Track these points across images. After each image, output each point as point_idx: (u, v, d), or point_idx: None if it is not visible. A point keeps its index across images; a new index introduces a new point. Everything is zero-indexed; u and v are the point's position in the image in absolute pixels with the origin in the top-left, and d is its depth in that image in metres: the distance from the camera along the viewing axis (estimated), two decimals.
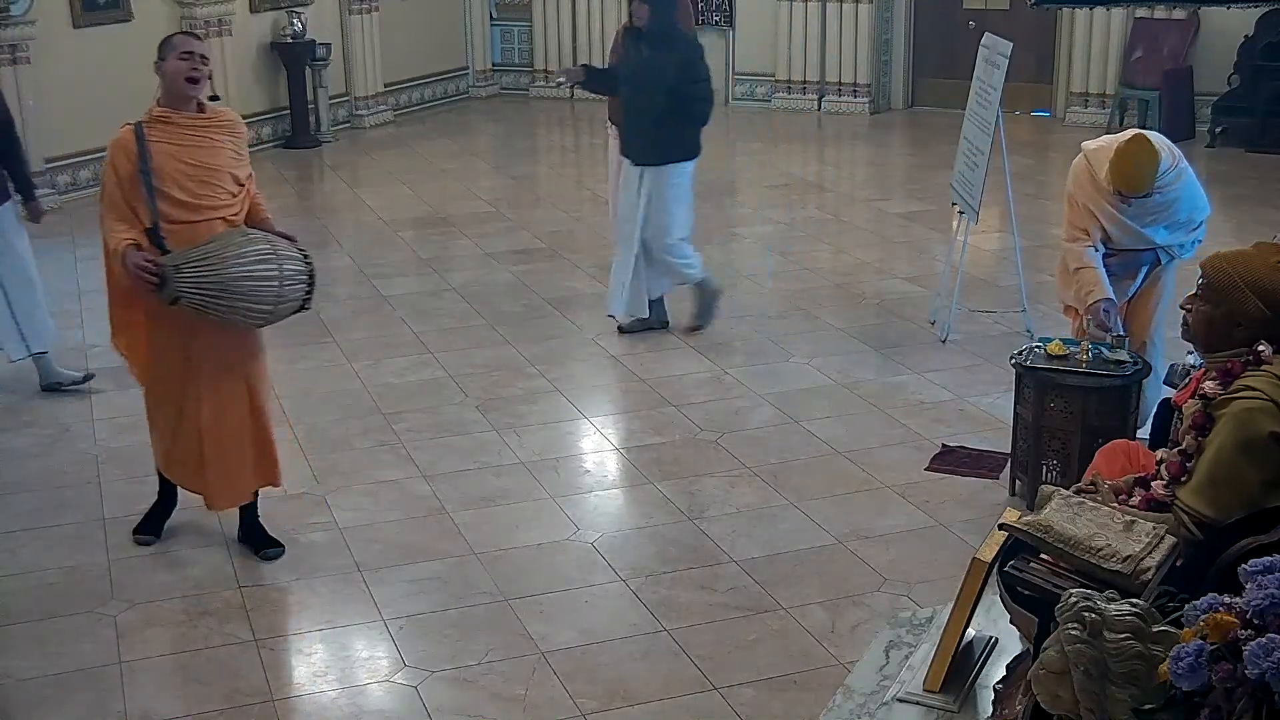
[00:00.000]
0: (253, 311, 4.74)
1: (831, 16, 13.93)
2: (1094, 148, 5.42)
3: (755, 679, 4.27)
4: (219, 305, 4.67)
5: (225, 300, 4.65)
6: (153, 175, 4.68)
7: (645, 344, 7.37)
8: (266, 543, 5.12)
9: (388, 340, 7.46)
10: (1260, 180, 10.92)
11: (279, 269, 4.72)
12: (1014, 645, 3.08)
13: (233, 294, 4.64)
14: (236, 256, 4.64)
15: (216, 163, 4.81)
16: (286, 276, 4.74)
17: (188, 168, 4.74)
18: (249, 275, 4.65)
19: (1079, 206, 5.46)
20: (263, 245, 4.74)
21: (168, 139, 4.75)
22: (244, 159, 4.94)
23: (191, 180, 4.75)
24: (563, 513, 5.41)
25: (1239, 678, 2.03)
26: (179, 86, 4.78)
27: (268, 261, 4.70)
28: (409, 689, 4.26)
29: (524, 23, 15.47)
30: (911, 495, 5.52)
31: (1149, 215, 5.35)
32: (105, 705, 4.20)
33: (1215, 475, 3.17)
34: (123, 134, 4.76)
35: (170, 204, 4.71)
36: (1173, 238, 5.43)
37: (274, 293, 4.72)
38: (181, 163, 4.73)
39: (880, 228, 9.84)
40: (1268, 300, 3.26)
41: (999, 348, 6.99)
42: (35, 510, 5.49)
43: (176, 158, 4.73)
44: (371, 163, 12.32)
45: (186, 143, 4.77)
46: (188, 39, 4.88)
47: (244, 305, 4.70)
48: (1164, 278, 5.60)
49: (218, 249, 4.65)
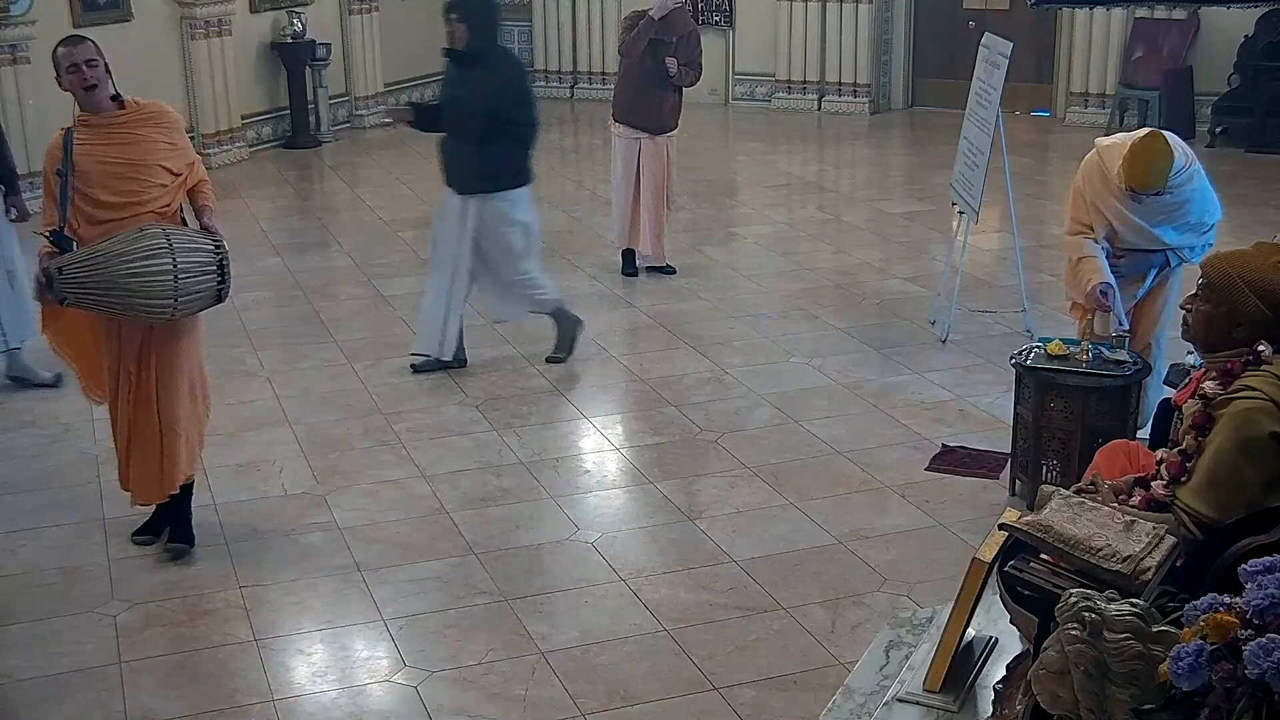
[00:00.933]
0: (150, 306, 4.75)
1: (831, 16, 13.93)
2: (1107, 144, 5.41)
3: (755, 679, 4.27)
4: (111, 302, 4.72)
5: (116, 297, 4.69)
6: (78, 177, 4.75)
7: (646, 344, 7.37)
8: (176, 535, 5.11)
9: (388, 340, 7.46)
10: (1260, 180, 10.93)
11: (172, 263, 4.72)
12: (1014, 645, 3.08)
13: (122, 290, 4.67)
14: (122, 254, 4.68)
15: (142, 157, 4.84)
16: (183, 270, 4.74)
17: (112, 166, 4.80)
18: (137, 272, 4.67)
19: (1085, 203, 5.44)
20: (156, 241, 4.74)
21: (91, 140, 4.81)
22: (179, 149, 4.96)
23: (116, 178, 4.80)
24: (563, 513, 5.41)
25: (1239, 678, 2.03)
26: (80, 98, 4.86)
27: (159, 256, 4.71)
28: (409, 689, 4.26)
29: (524, 23, 15.46)
30: (911, 495, 5.52)
31: (1159, 215, 5.33)
32: (105, 705, 4.20)
33: (1215, 475, 3.16)
34: (55, 139, 4.86)
35: (95, 205, 4.79)
36: (1182, 239, 5.41)
37: (169, 287, 4.72)
38: (105, 162, 4.79)
39: (880, 228, 9.84)
40: (1268, 300, 3.25)
41: (999, 348, 6.99)
42: (35, 510, 5.50)
43: (100, 158, 4.79)
44: (371, 163, 12.32)
45: (109, 141, 4.82)
46: (69, 51, 4.86)
47: (138, 301, 4.71)
48: (1171, 280, 5.58)
49: (108, 247, 4.70)
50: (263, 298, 8.25)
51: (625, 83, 8.51)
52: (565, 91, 15.28)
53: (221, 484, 5.66)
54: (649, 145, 8.44)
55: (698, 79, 8.66)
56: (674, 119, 8.54)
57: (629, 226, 8.58)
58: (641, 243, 8.58)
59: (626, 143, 8.49)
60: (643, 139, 8.44)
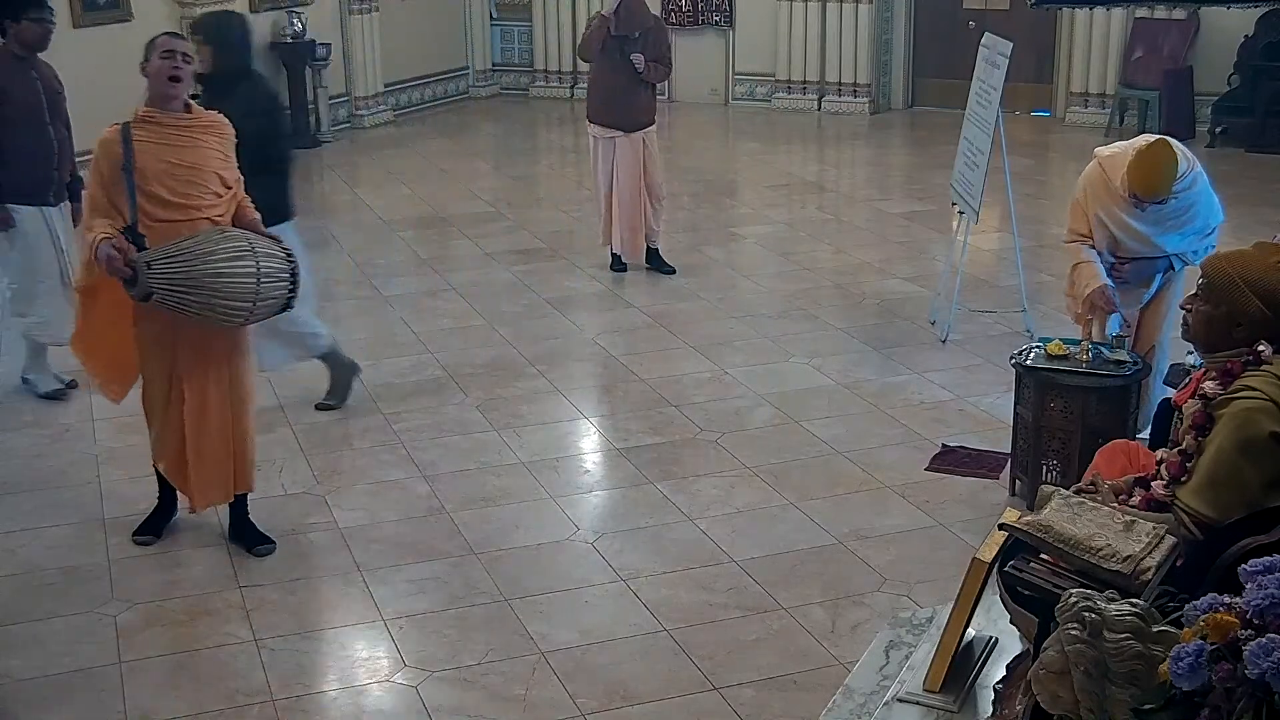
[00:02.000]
0: (229, 309, 4.73)
1: (831, 16, 13.93)
2: (1108, 154, 5.37)
3: (755, 679, 4.27)
4: (193, 302, 4.66)
5: (199, 297, 4.64)
6: (136, 174, 4.70)
7: (646, 344, 7.37)
8: (257, 539, 5.13)
9: (388, 340, 7.46)
10: (1260, 180, 10.92)
11: (256, 266, 4.71)
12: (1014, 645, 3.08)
13: (207, 291, 4.64)
14: (210, 253, 4.64)
15: (202, 163, 4.82)
16: (264, 274, 4.73)
17: (172, 167, 4.75)
18: (223, 272, 4.65)
19: (1083, 213, 5.41)
20: (240, 242, 4.74)
21: (153, 138, 4.76)
22: (231, 162, 4.94)
23: (176, 179, 4.76)
24: (563, 513, 5.41)
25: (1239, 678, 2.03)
26: (162, 86, 4.80)
27: (244, 258, 4.69)
28: (409, 689, 4.26)
29: (524, 23, 15.47)
30: (911, 495, 5.52)
31: (1164, 222, 5.30)
32: (105, 705, 4.20)
33: (1215, 475, 3.16)
34: (109, 133, 4.79)
35: (154, 203, 4.74)
36: (1185, 244, 5.39)
37: (251, 290, 4.71)
38: (166, 162, 4.75)
39: (880, 228, 9.84)
40: (1268, 300, 3.25)
41: (999, 348, 6.99)
42: (35, 510, 5.50)
43: (161, 157, 4.74)
44: (371, 163, 12.32)
45: (172, 142, 4.78)
46: (170, 39, 4.88)
47: (219, 302, 4.69)
48: (1174, 284, 5.57)
49: (192, 245, 4.65)
50: None
51: (595, 83, 8.53)
52: (565, 91, 15.29)
53: None
54: (624, 143, 8.43)
55: (668, 74, 8.63)
56: (648, 115, 8.52)
57: (609, 225, 8.58)
58: (616, 241, 8.57)
59: (602, 143, 8.49)
60: (617, 138, 8.43)
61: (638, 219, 8.55)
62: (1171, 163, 5.11)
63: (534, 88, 15.46)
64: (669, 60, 8.58)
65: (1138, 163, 5.10)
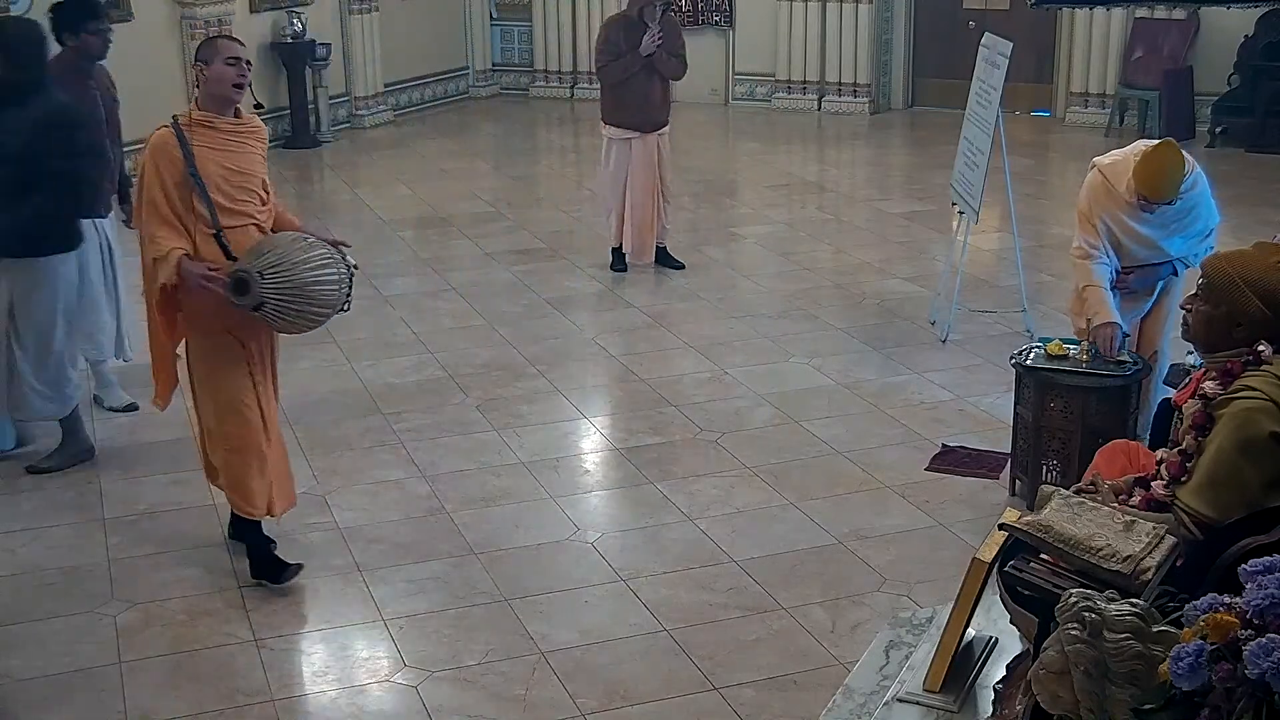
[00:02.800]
0: (320, 315, 4.70)
1: (831, 16, 13.93)
2: (1108, 162, 5.34)
3: (755, 679, 4.27)
4: (293, 310, 4.59)
5: (299, 305, 4.59)
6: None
7: (646, 344, 7.37)
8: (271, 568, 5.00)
9: (388, 340, 7.46)
10: (1260, 180, 10.92)
11: (343, 272, 4.69)
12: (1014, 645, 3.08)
13: (307, 299, 4.59)
14: (304, 260, 4.58)
15: (250, 169, 4.76)
16: (344, 280, 4.71)
17: (227, 173, 4.66)
18: (320, 280, 4.61)
19: (1090, 223, 5.36)
20: (324, 249, 4.68)
21: (209, 143, 4.64)
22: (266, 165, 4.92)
23: (230, 185, 4.67)
24: (563, 513, 5.41)
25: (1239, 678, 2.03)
26: (226, 91, 4.68)
27: (331, 265, 4.66)
28: (409, 689, 4.26)
29: (524, 23, 15.47)
30: (911, 495, 5.52)
31: (1168, 225, 5.28)
32: (105, 705, 4.20)
33: (1215, 475, 3.16)
34: (162, 136, 4.62)
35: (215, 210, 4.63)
36: (1187, 247, 5.38)
37: (338, 296, 4.69)
38: (222, 167, 4.64)
39: (880, 228, 9.84)
40: (1268, 300, 3.25)
41: (999, 348, 6.99)
42: (35, 510, 5.49)
43: (217, 162, 4.64)
44: (371, 163, 12.32)
45: (225, 147, 4.68)
46: (233, 44, 4.76)
47: (314, 310, 4.65)
48: (1175, 289, 5.55)
49: (285, 254, 4.56)
50: None
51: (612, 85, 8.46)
52: (565, 91, 15.28)
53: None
54: (639, 144, 8.42)
55: (682, 70, 8.54)
56: (664, 116, 8.51)
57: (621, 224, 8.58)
58: (626, 241, 8.57)
59: (618, 144, 8.48)
60: (634, 138, 8.42)
61: (649, 220, 8.57)
62: (1178, 165, 5.10)
63: (534, 88, 15.46)
64: (684, 56, 8.55)
65: (1144, 166, 5.07)
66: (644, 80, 8.35)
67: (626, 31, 8.34)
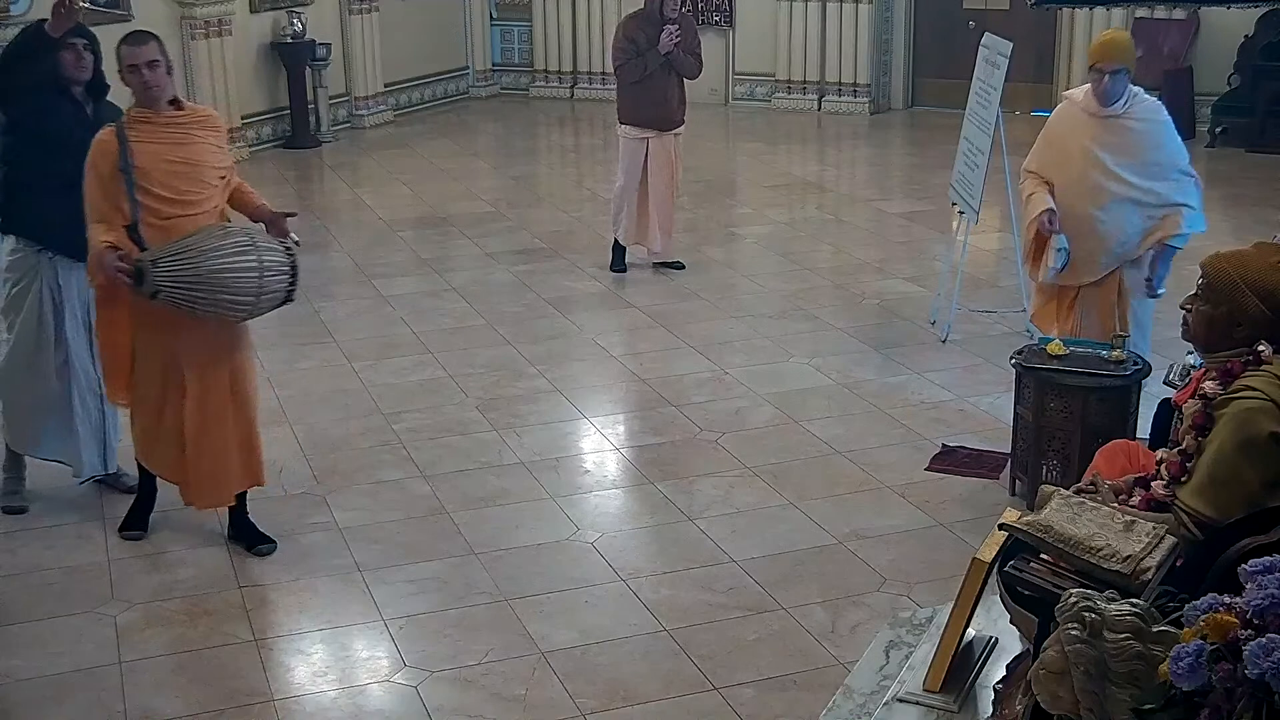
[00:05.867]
0: (235, 304, 4.76)
1: (831, 16, 13.93)
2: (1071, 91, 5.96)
3: (755, 679, 4.27)
4: (198, 298, 4.68)
5: (204, 292, 4.67)
6: (136, 173, 4.71)
7: (646, 344, 7.37)
8: (258, 539, 5.14)
9: (388, 340, 7.46)
10: (1260, 180, 10.92)
11: (259, 260, 4.74)
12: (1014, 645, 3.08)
13: (212, 286, 4.66)
14: (214, 249, 4.67)
15: (198, 158, 4.85)
16: (267, 268, 4.76)
17: (171, 165, 4.77)
18: (227, 268, 4.67)
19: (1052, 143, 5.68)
20: (241, 237, 4.77)
21: (150, 138, 4.77)
22: (224, 152, 4.99)
23: (175, 177, 4.78)
24: (563, 513, 5.41)
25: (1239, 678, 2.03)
26: (140, 98, 4.83)
27: (247, 253, 4.72)
28: (409, 689, 4.26)
29: (524, 23, 15.46)
30: (911, 495, 5.52)
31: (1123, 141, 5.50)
32: (105, 705, 4.20)
33: (1215, 475, 3.17)
34: (104, 135, 4.79)
35: (156, 200, 4.75)
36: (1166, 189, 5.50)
37: (255, 285, 4.73)
38: (165, 160, 4.77)
39: (880, 228, 9.84)
40: (1268, 300, 3.26)
41: (999, 348, 6.99)
42: (35, 510, 5.49)
43: (160, 155, 4.76)
44: (371, 163, 12.32)
45: (169, 140, 4.80)
46: (131, 51, 4.83)
47: (225, 297, 4.71)
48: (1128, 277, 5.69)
49: (195, 242, 4.68)
50: None
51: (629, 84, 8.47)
52: (565, 91, 15.28)
53: None
54: (656, 143, 8.44)
55: (698, 69, 8.56)
56: (680, 114, 8.53)
57: (636, 224, 8.59)
58: (651, 240, 8.59)
59: (634, 143, 8.48)
60: (650, 137, 8.43)
61: (670, 219, 8.59)
62: (1123, 34, 5.77)
63: (534, 88, 15.45)
64: (700, 55, 8.56)
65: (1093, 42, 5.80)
66: (662, 79, 8.35)
67: (645, 29, 8.34)
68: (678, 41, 8.29)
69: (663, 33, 8.25)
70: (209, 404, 4.94)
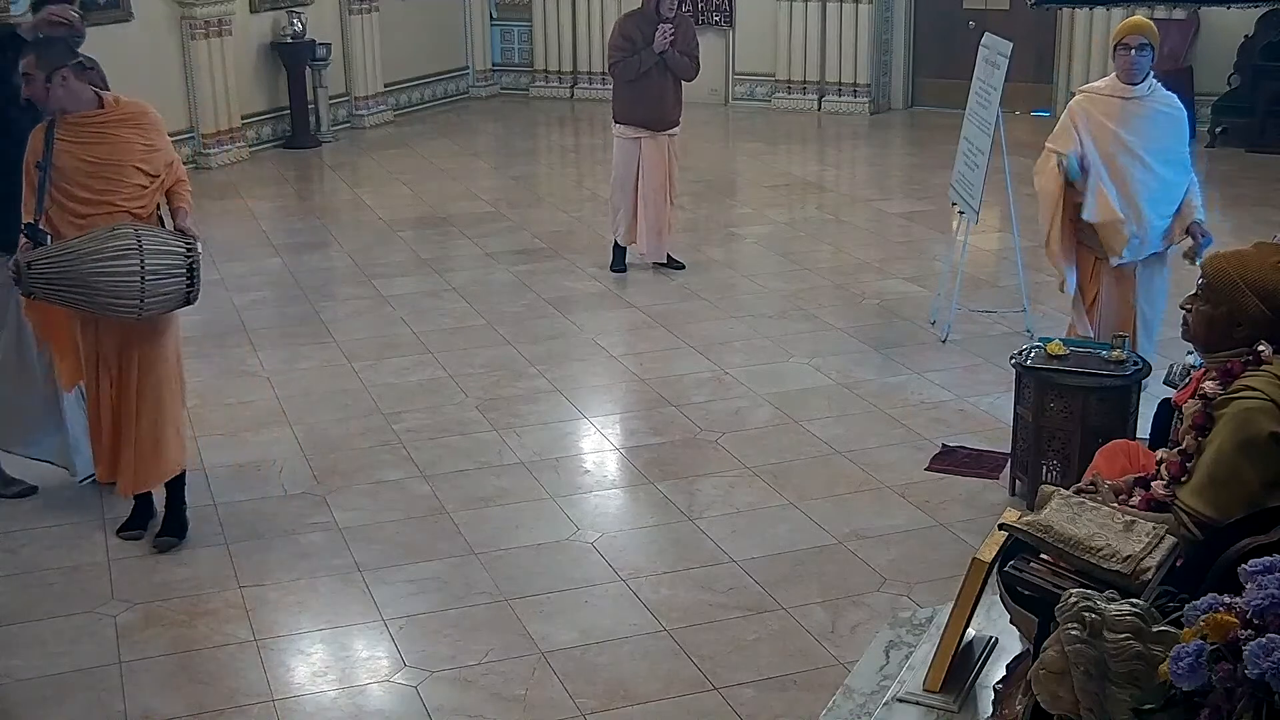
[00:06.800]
0: (117, 305, 4.82)
1: (831, 16, 13.93)
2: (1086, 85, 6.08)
3: (755, 679, 4.27)
4: (77, 299, 4.79)
5: (83, 294, 4.77)
6: (56, 173, 4.80)
7: (646, 344, 7.37)
8: (167, 529, 5.18)
9: (388, 340, 7.46)
10: (1260, 180, 10.93)
11: (140, 264, 4.78)
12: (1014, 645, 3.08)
13: (90, 289, 4.75)
14: (94, 252, 4.74)
15: (121, 158, 4.89)
16: (151, 272, 4.80)
17: (87, 165, 4.84)
18: (105, 271, 4.73)
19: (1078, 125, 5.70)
20: (127, 241, 4.80)
21: (70, 137, 4.85)
22: (157, 148, 4.98)
23: (91, 177, 4.84)
24: (563, 513, 5.41)
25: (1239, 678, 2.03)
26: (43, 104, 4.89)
27: (127, 257, 4.77)
28: (409, 689, 4.26)
29: (524, 23, 15.47)
30: (911, 495, 5.52)
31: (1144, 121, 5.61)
32: (105, 705, 4.20)
33: (1215, 475, 3.16)
34: (36, 130, 4.88)
35: (75, 201, 4.84)
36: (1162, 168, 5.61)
37: (135, 288, 4.78)
38: (81, 160, 4.83)
39: (880, 228, 9.84)
40: (1268, 300, 3.25)
41: (999, 348, 6.99)
42: (35, 510, 5.49)
43: (79, 156, 4.83)
44: (371, 163, 12.32)
45: (86, 140, 4.85)
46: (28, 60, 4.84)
47: (104, 300, 4.79)
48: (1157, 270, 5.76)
49: (78, 245, 4.76)
50: (263, 298, 8.26)
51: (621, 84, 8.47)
52: (565, 91, 15.28)
53: (221, 484, 5.66)
54: (650, 144, 8.43)
55: (693, 70, 8.54)
56: (675, 115, 8.50)
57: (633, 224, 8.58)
58: (639, 241, 8.58)
59: (629, 143, 8.47)
60: (644, 137, 8.42)
61: (663, 220, 8.57)
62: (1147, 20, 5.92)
63: (534, 88, 15.45)
64: (698, 57, 8.53)
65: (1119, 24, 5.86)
66: (657, 78, 8.33)
67: (642, 27, 8.33)
68: (672, 40, 8.27)
69: (657, 31, 8.24)
70: (125, 395, 5.03)
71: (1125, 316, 5.76)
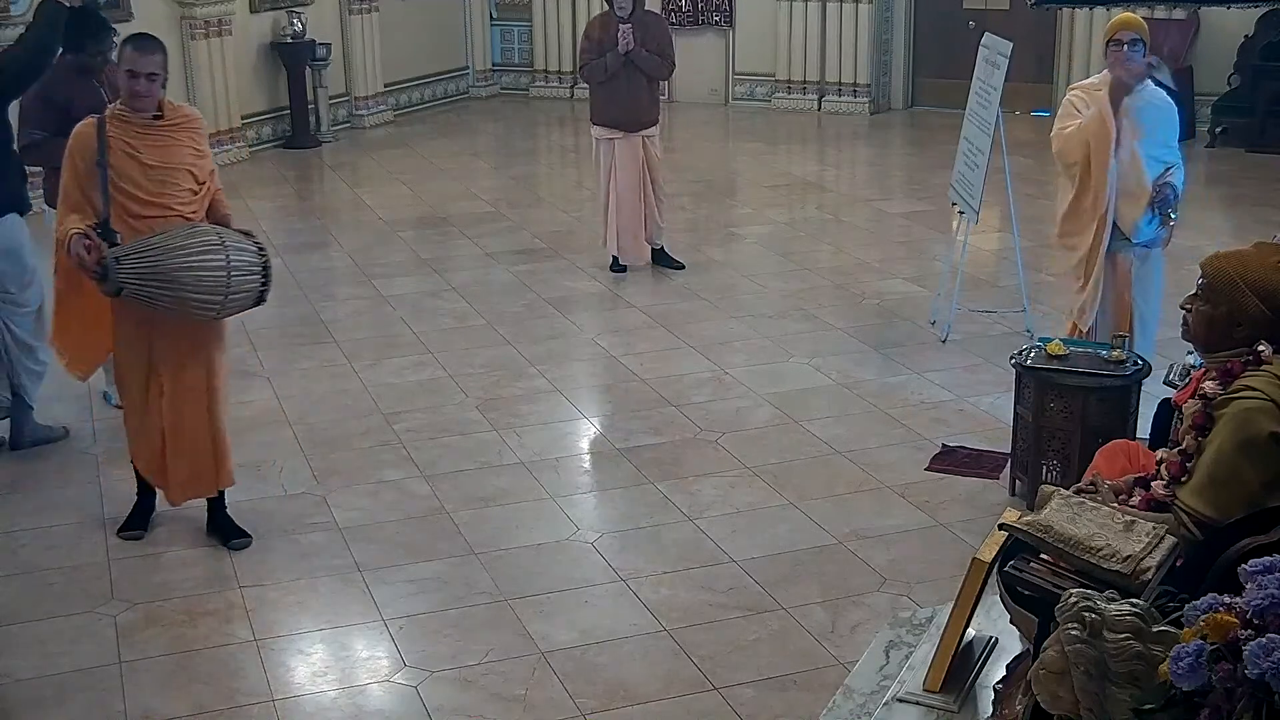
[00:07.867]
0: (201, 302, 4.79)
1: (831, 16, 13.93)
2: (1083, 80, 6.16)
3: (755, 679, 4.27)
4: (163, 296, 4.73)
5: (169, 291, 4.71)
6: (110, 170, 4.76)
7: (646, 344, 7.37)
8: (234, 533, 5.16)
9: (388, 340, 7.46)
10: (1260, 180, 10.93)
11: (226, 260, 4.76)
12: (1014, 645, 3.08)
13: (177, 285, 4.70)
14: (181, 248, 4.71)
15: (175, 162, 4.87)
16: (235, 268, 4.79)
17: (144, 167, 4.81)
18: (193, 266, 4.71)
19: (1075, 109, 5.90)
20: (210, 237, 4.79)
21: (126, 137, 4.80)
22: (204, 156, 4.99)
23: (148, 179, 4.81)
24: (562, 513, 5.41)
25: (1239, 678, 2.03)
26: (129, 101, 4.85)
27: (214, 253, 4.75)
28: (409, 689, 4.26)
29: (524, 23, 15.47)
30: (911, 495, 5.52)
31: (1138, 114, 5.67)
32: (105, 705, 4.20)
33: (1215, 475, 3.16)
34: (84, 127, 4.83)
35: (127, 199, 4.80)
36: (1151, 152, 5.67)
37: (221, 284, 4.76)
38: (138, 162, 4.80)
39: (880, 228, 9.84)
40: (1268, 300, 3.25)
41: (999, 348, 6.99)
42: (35, 510, 5.49)
43: (133, 157, 4.80)
44: (371, 163, 12.32)
45: (144, 142, 4.82)
46: (135, 55, 4.82)
47: (190, 296, 4.75)
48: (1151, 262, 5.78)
49: (163, 241, 4.72)
50: None
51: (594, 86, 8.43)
52: (565, 91, 15.29)
53: None
54: (623, 145, 8.37)
55: (666, 69, 8.46)
56: (649, 116, 8.42)
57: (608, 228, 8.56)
58: (613, 245, 8.53)
59: (603, 144, 8.45)
60: (617, 139, 8.38)
61: (636, 222, 8.49)
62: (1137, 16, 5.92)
63: (534, 88, 15.46)
64: (670, 56, 8.46)
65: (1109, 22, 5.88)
66: (627, 79, 8.28)
67: (605, 29, 8.30)
68: (631, 41, 8.14)
69: (619, 31, 8.20)
70: (184, 401, 4.97)
71: (1121, 313, 5.76)
